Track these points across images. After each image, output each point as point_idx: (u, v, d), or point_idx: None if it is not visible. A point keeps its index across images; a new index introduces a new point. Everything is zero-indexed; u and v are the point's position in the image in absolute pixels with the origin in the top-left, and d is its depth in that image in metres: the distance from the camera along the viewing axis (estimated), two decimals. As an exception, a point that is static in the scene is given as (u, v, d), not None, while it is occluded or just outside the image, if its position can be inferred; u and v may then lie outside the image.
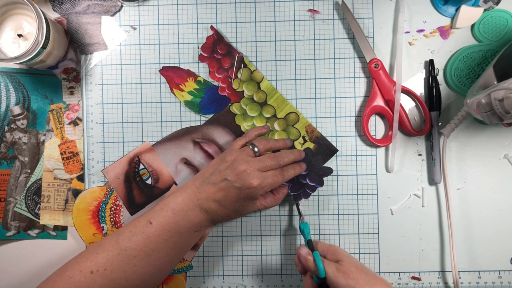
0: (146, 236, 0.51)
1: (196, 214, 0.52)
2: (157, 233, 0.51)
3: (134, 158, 0.61)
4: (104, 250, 0.50)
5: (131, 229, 0.51)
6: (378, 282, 0.50)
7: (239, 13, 0.62)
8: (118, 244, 0.50)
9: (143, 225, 0.51)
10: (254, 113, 0.61)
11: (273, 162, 0.54)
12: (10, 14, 0.55)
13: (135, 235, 0.51)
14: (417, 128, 0.61)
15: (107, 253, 0.50)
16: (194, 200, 0.52)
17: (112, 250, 0.50)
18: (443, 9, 0.60)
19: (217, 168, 0.53)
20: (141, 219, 0.52)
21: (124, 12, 0.62)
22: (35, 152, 0.61)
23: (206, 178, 0.53)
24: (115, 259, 0.50)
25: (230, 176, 0.51)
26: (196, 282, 0.62)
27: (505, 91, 0.47)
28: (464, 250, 0.61)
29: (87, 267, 0.49)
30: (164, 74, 0.62)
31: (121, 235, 0.51)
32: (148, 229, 0.51)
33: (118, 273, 0.50)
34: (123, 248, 0.50)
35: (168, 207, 0.52)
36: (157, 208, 0.53)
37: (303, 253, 0.53)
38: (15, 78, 0.61)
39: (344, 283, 0.49)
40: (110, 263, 0.49)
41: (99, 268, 0.49)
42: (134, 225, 0.52)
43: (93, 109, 0.62)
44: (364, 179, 0.62)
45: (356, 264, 0.51)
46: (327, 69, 0.61)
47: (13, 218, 0.62)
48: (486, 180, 0.61)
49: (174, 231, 0.51)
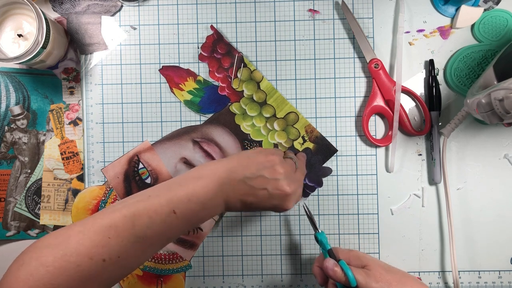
0: (167, 226, 0.45)
1: (221, 208, 0.48)
2: (180, 224, 0.45)
3: (133, 157, 0.61)
4: (118, 235, 0.43)
5: (150, 215, 0.44)
6: (409, 281, 0.50)
7: (239, 13, 0.62)
8: (134, 230, 0.43)
9: (165, 214, 0.44)
10: (253, 112, 0.61)
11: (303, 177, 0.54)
12: (10, 14, 0.55)
13: (155, 224, 0.44)
14: (417, 128, 0.61)
15: (122, 240, 0.43)
16: (224, 196, 0.47)
17: (128, 237, 0.43)
18: (443, 9, 0.60)
19: (261, 172, 0.48)
20: (163, 203, 0.45)
21: (124, 12, 0.62)
22: (35, 152, 0.62)
23: (245, 177, 0.48)
24: (130, 247, 0.43)
25: (274, 191, 0.48)
26: (196, 282, 0.62)
27: (505, 91, 0.47)
28: (464, 250, 0.61)
29: (98, 254, 0.41)
30: (164, 74, 0.62)
31: (138, 219, 0.44)
32: (172, 219, 0.45)
33: (131, 259, 0.44)
34: (140, 236, 0.43)
35: (198, 199, 0.46)
36: (183, 197, 0.45)
37: (330, 266, 0.50)
38: (15, 78, 0.61)
39: (377, 287, 0.48)
40: (124, 251, 0.43)
41: (112, 256, 0.42)
42: (154, 210, 0.44)
43: (93, 109, 0.62)
44: (364, 179, 0.62)
45: (383, 265, 0.51)
46: (327, 69, 0.61)
47: (13, 218, 0.62)
48: (486, 180, 0.61)
49: (196, 222, 0.47)
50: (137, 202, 0.45)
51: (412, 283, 0.50)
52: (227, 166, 0.48)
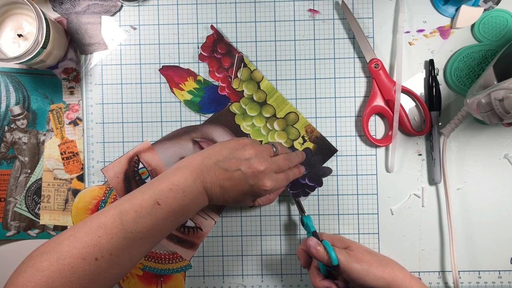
0: (153, 218, 0.46)
1: (203, 197, 0.50)
2: (166, 215, 0.47)
3: (133, 157, 0.61)
4: (107, 233, 0.45)
5: (136, 209, 0.46)
6: (389, 263, 0.52)
7: (239, 13, 0.62)
8: (123, 226, 0.45)
9: (150, 206, 0.47)
10: (253, 112, 0.61)
11: (287, 164, 0.53)
12: (10, 14, 0.55)
13: (141, 217, 0.46)
14: (417, 128, 0.61)
15: (112, 237, 0.45)
16: (203, 182, 0.49)
17: (117, 233, 0.45)
18: (443, 9, 0.60)
19: (233, 154, 0.50)
20: (146, 197, 0.47)
21: (124, 12, 0.62)
22: (35, 152, 0.62)
23: (219, 161, 0.50)
24: (121, 243, 0.45)
25: (246, 170, 0.49)
26: (196, 282, 0.62)
27: (505, 91, 0.47)
28: (464, 250, 0.61)
29: (90, 254, 0.43)
30: (164, 73, 0.62)
31: (125, 215, 0.46)
32: (156, 211, 0.47)
33: (123, 256, 0.46)
34: (129, 231, 0.45)
35: (178, 188, 0.48)
36: (165, 187, 0.48)
37: (312, 243, 0.52)
38: (15, 78, 0.61)
39: (358, 267, 0.50)
40: (116, 248, 0.45)
41: (104, 254, 0.44)
42: (139, 205, 0.47)
43: (93, 109, 0.62)
44: (364, 179, 0.62)
45: (365, 248, 0.53)
46: (327, 69, 0.61)
47: (13, 218, 0.62)
48: (486, 180, 0.61)
49: (181, 212, 0.48)
50: (123, 201, 0.47)
51: (393, 266, 0.52)
52: (202, 155, 0.51)
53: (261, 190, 0.51)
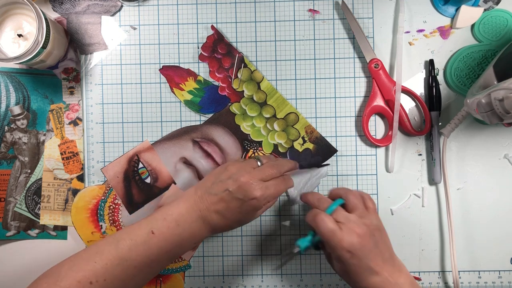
0: (148, 247, 0.49)
1: (199, 226, 0.51)
2: (160, 244, 0.49)
3: (133, 157, 0.61)
4: (102, 259, 0.47)
5: (131, 237, 0.49)
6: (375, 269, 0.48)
7: (239, 13, 0.62)
8: (118, 253, 0.48)
9: (144, 235, 0.49)
10: (254, 113, 0.61)
11: (274, 170, 0.52)
12: (10, 14, 0.55)
13: (136, 245, 0.48)
14: (417, 128, 0.61)
15: (106, 263, 0.47)
16: (197, 211, 0.51)
17: (112, 260, 0.47)
18: (443, 9, 0.60)
19: (218, 177, 0.51)
20: (142, 226, 0.50)
21: (124, 12, 0.62)
22: (35, 152, 0.62)
23: (207, 188, 0.51)
24: (115, 270, 0.47)
25: (232, 187, 0.49)
26: (195, 282, 0.62)
27: (505, 91, 0.47)
28: (464, 250, 0.61)
29: (85, 277, 0.46)
30: (164, 73, 0.62)
31: (121, 242, 0.48)
32: (150, 239, 0.49)
33: (117, 283, 0.48)
34: (124, 258, 0.48)
35: (171, 217, 0.50)
36: (159, 217, 0.50)
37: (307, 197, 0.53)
38: (15, 78, 0.61)
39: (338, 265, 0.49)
40: (110, 274, 0.47)
41: (99, 278, 0.46)
42: (135, 233, 0.49)
43: (93, 109, 0.62)
44: (364, 179, 0.61)
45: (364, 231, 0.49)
46: (327, 69, 0.61)
47: (13, 218, 0.62)
48: (486, 180, 0.61)
49: (176, 243, 0.50)
50: (121, 230, 0.50)
51: None
52: (195, 186, 0.53)
53: (253, 201, 0.50)
